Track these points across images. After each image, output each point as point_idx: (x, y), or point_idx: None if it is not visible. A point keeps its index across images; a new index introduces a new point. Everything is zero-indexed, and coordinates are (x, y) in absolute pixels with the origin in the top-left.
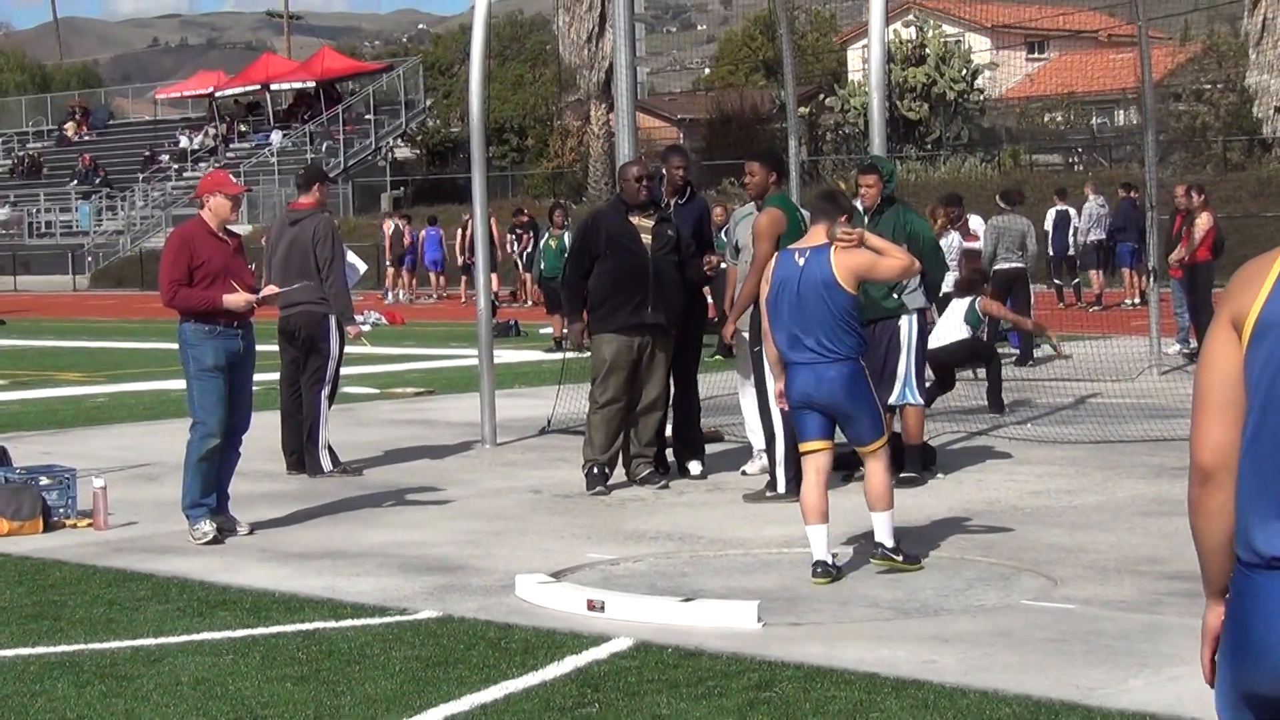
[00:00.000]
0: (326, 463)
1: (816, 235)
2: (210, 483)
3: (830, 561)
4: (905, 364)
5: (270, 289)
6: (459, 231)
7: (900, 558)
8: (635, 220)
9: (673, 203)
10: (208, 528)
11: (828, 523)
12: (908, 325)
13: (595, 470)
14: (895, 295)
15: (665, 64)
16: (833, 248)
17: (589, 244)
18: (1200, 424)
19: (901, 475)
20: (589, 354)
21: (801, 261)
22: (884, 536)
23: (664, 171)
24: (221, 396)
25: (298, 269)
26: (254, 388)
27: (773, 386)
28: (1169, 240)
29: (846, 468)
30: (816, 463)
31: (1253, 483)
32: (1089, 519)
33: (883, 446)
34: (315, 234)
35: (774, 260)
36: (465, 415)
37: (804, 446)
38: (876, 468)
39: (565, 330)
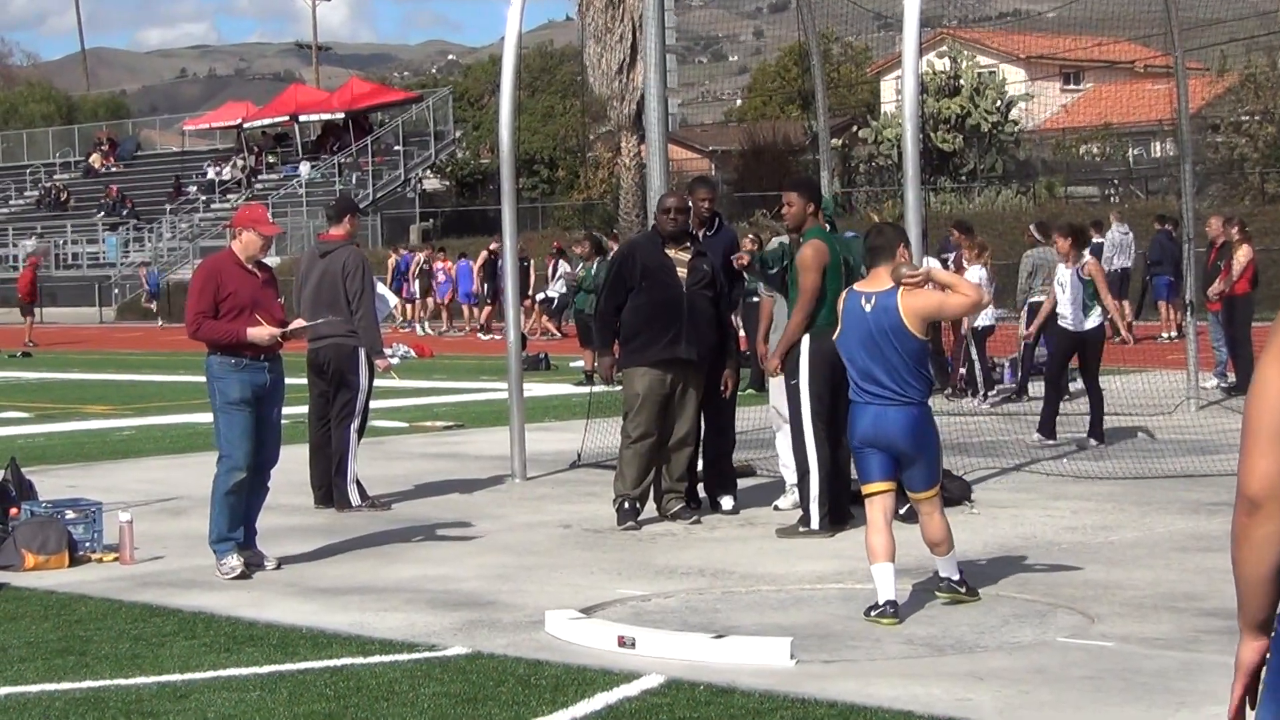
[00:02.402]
0: (354, 497)
1: (879, 278)
2: (237, 517)
3: (897, 601)
4: None
5: (298, 322)
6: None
7: (964, 589)
8: (671, 253)
9: (701, 234)
10: (235, 562)
11: (894, 562)
12: None
13: (627, 505)
14: None
15: (697, 95)
16: (899, 291)
17: (624, 276)
18: (1250, 454)
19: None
20: (619, 388)
21: (869, 307)
22: (949, 571)
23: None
24: (248, 430)
25: (328, 301)
26: (283, 421)
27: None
28: (1205, 273)
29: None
30: (882, 504)
31: None
32: (1126, 555)
33: (937, 494)
34: (345, 266)
35: (843, 297)
36: (495, 449)
37: (867, 489)
38: (933, 514)
39: (596, 363)
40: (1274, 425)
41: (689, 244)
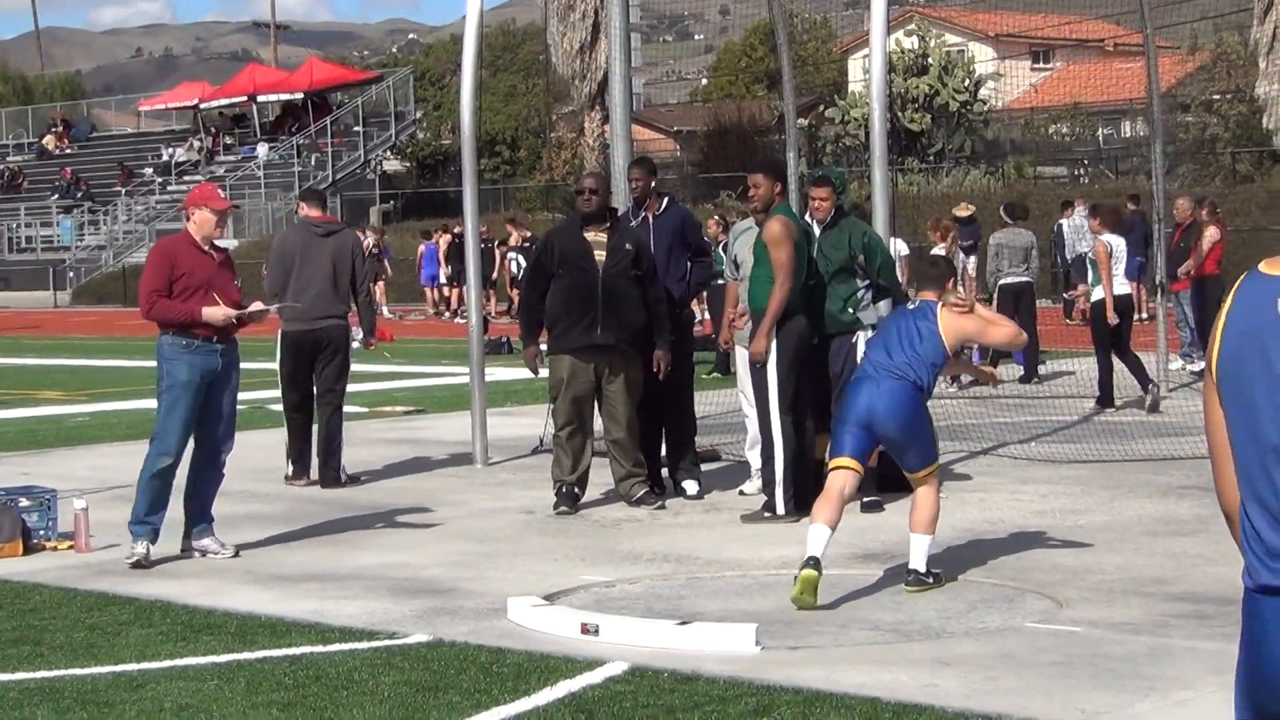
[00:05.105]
0: (343, 475)
1: (925, 298)
2: (159, 500)
3: (821, 559)
4: None
5: (256, 305)
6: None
7: (931, 580)
8: (591, 236)
9: (649, 217)
10: (142, 549)
11: (833, 531)
12: (864, 341)
13: (564, 490)
14: (851, 310)
15: (661, 74)
16: (941, 305)
17: (544, 263)
18: (1216, 471)
19: (864, 500)
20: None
21: (912, 306)
22: (919, 562)
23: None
24: (187, 418)
25: (330, 280)
26: (239, 406)
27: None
28: (1170, 254)
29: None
30: (844, 478)
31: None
32: (1094, 539)
33: (933, 473)
34: (354, 249)
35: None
36: (456, 434)
37: (834, 461)
38: (928, 493)
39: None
40: (1225, 442)
41: (610, 225)
